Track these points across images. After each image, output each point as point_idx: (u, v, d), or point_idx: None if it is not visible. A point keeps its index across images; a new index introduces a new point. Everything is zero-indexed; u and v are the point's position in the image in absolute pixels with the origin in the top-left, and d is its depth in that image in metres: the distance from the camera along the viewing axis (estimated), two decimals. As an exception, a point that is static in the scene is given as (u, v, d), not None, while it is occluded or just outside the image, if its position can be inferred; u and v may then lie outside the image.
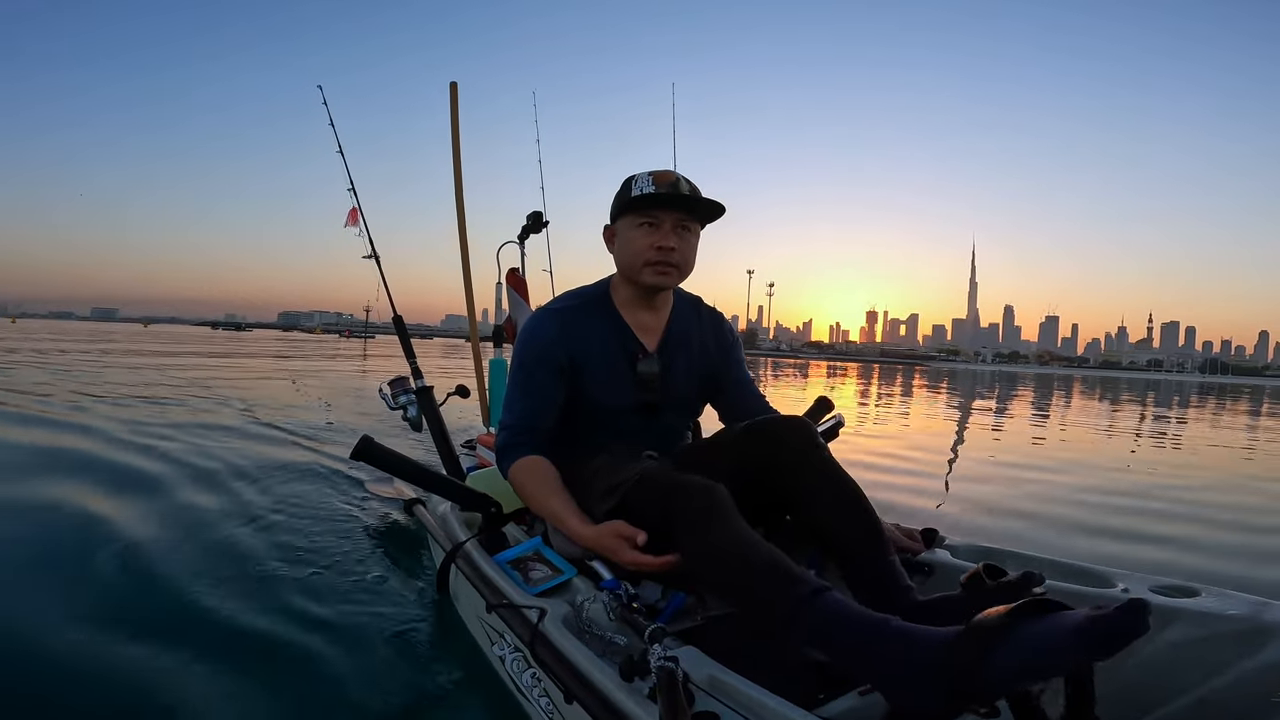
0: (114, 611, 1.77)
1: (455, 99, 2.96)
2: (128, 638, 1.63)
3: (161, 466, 3.44)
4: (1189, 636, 0.98)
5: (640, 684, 0.96)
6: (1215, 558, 2.89)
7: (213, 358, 14.74)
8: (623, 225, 1.41)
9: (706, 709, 0.90)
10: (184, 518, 2.58)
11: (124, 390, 7.11)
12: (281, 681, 1.49)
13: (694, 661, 0.97)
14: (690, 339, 1.53)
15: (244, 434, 4.60)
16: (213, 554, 2.20)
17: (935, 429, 8.17)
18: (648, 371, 1.45)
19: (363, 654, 1.60)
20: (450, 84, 2.97)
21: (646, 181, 1.37)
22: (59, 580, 1.96)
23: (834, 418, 1.84)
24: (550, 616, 1.16)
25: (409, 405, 2.75)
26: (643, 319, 1.47)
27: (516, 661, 1.25)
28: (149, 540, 2.28)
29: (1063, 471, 5.18)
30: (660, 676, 0.88)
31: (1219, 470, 5.81)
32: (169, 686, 1.45)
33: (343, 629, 1.71)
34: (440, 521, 1.78)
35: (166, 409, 5.72)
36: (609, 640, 1.06)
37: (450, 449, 2.49)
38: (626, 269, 1.43)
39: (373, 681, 1.49)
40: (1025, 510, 3.66)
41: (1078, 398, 17.88)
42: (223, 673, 1.50)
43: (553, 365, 1.40)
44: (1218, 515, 3.79)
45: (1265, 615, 1.02)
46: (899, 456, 5.44)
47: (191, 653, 1.57)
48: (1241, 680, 0.95)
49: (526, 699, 1.23)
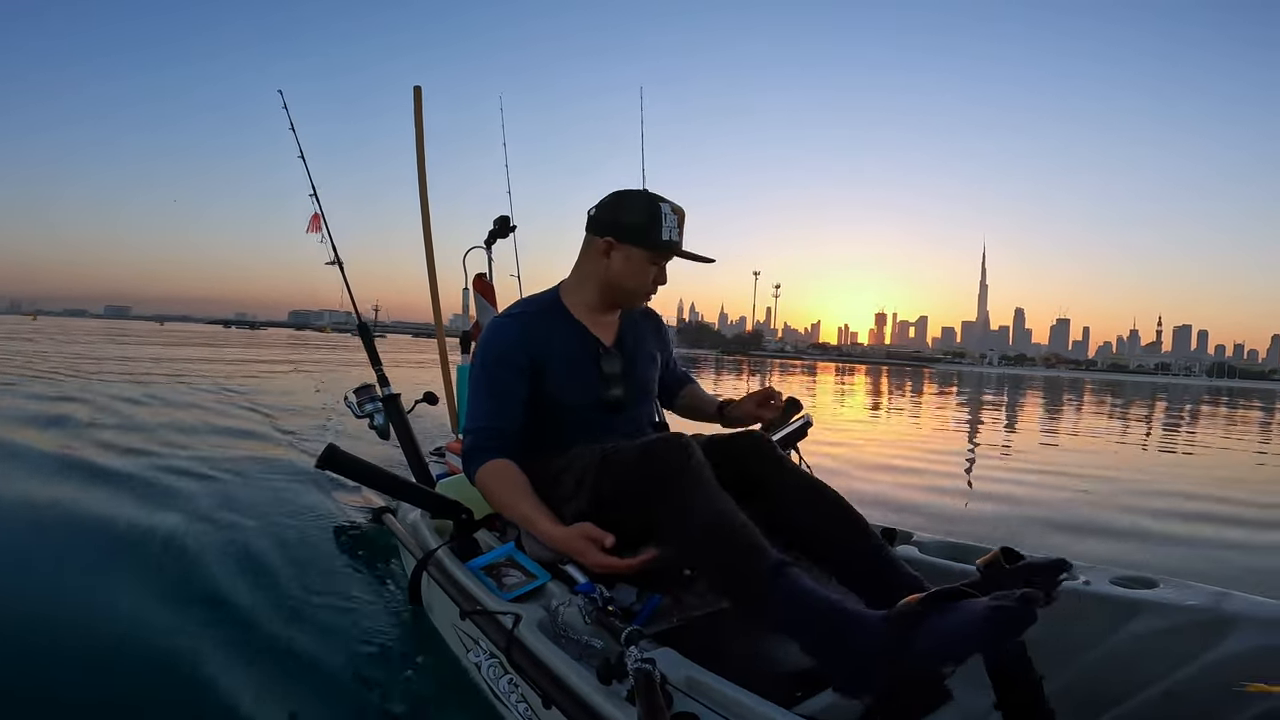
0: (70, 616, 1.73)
1: (419, 104, 2.94)
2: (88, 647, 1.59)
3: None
4: (1152, 628, 1.02)
5: (618, 686, 0.96)
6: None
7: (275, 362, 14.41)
8: (634, 253, 1.42)
9: (685, 709, 0.91)
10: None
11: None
12: (253, 696, 1.45)
13: (671, 663, 0.97)
14: (641, 335, 1.59)
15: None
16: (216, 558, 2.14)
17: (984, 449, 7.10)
18: (611, 368, 1.47)
19: (335, 666, 1.57)
20: (414, 88, 2.95)
21: (673, 224, 1.41)
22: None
23: (802, 418, 1.86)
24: (525, 622, 1.15)
25: (375, 413, 2.71)
26: (598, 319, 1.51)
27: (493, 668, 1.25)
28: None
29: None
30: (638, 678, 0.89)
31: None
32: (133, 701, 1.42)
33: (313, 641, 1.67)
34: (411, 529, 1.76)
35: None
36: (585, 644, 1.06)
37: (419, 456, 2.46)
38: (619, 289, 1.46)
39: (347, 693, 1.47)
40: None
41: (1089, 403, 17.63)
42: (193, 688, 1.46)
43: (515, 366, 1.41)
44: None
45: (1225, 605, 1.06)
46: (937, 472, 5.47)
47: (157, 667, 1.53)
48: (1206, 671, 0.99)
49: (504, 705, 1.23)
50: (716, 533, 1.09)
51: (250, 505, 2.82)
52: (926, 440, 7.40)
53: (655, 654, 0.96)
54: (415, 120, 2.94)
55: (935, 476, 4.83)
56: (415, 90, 2.95)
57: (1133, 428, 10.37)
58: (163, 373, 9.58)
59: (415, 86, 2.94)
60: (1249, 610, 1.04)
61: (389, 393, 2.67)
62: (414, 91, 2.95)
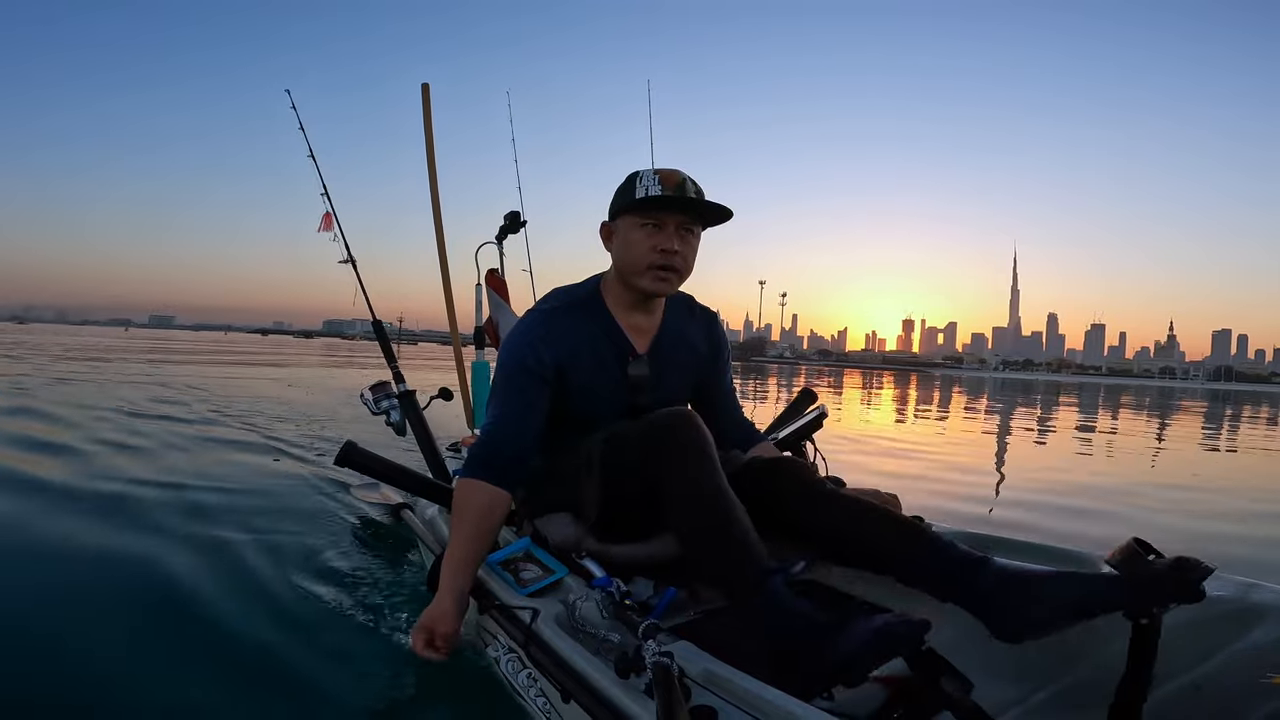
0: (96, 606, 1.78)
1: (428, 100, 2.94)
2: (108, 634, 1.64)
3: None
4: (1180, 619, 1.00)
5: (636, 680, 0.96)
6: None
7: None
8: (624, 225, 1.35)
9: (703, 703, 0.91)
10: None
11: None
12: (273, 686, 1.48)
13: (689, 656, 0.97)
14: (683, 340, 1.50)
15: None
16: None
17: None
18: (638, 374, 1.42)
19: (356, 660, 1.58)
20: (422, 85, 2.95)
21: (652, 181, 1.30)
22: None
23: (817, 409, 1.87)
24: (543, 617, 1.16)
25: (391, 410, 2.73)
26: (635, 319, 1.44)
27: (512, 663, 1.25)
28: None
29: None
30: (656, 672, 0.89)
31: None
32: (155, 687, 1.45)
33: (333, 635, 1.70)
34: (429, 525, 1.77)
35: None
36: (603, 638, 1.07)
37: (435, 452, 2.47)
38: (625, 271, 1.38)
39: (367, 687, 1.49)
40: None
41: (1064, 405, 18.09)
42: (212, 677, 1.50)
43: (535, 373, 1.36)
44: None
45: (1253, 596, 1.04)
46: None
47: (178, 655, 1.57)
48: (1233, 662, 0.97)
49: (524, 699, 1.23)
50: (715, 509, 1.14)
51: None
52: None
53: (673, 647, 0.96)
54: (424, 117, 2.94)
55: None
56: (423, 87, 2.94)
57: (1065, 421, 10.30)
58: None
59: (423, 84, 2.94)
60: (1277, 601, 1.02)
61: (404, 389, 2.68)
62: (422, 89, 2.94)
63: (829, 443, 1.85)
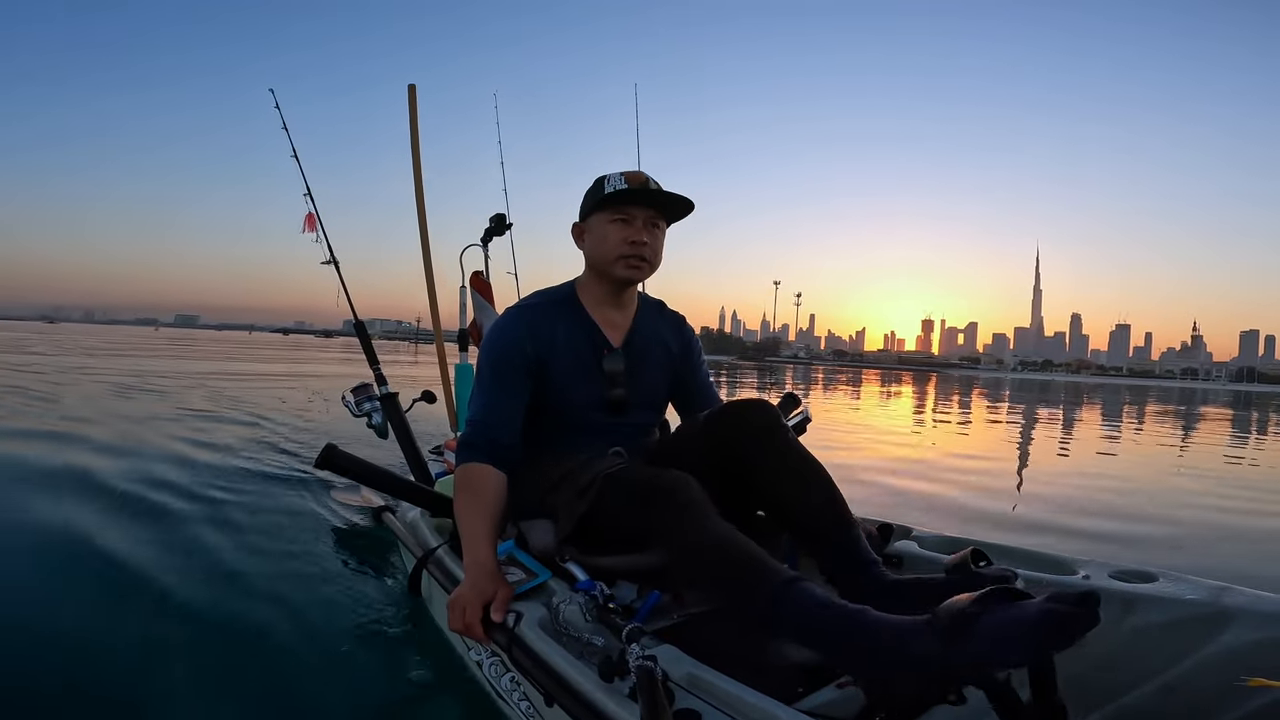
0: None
1: (414, 102, 2.93)
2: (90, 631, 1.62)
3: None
4: (1152, 622, 1.01)
5: (620, 684, 0.96)
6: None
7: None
8: (595, 221, 1.43)
9: (687, 706, 0.91)
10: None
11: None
12: (251, 689, 1.46)
13: (672, 660, 0.97)
14: (655, 336, 1.56)
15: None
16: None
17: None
18: (613, 368, 1.46)
19: (337, 665, 1.57)
20: (409, 86, 2.94)
21: (619, 180, 1.40)
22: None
23: (800, 413, 1.87)
24: (526, 620, 1.15)
25: (373, 412, 2.71)
26: (610, 316, 1.49)
27: (494, 666, 1.25)
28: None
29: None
30: (640, 676, 0.88)
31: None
32: (137, 686, 1.44)
33: (313, 639, 1.68)
34: (410, 528, 1.76)
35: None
36: (586, 641, 1.06)
37: (418, 455, 2.46)
38: (598, 263, 1.44)
39: (349, 690, 1.47)
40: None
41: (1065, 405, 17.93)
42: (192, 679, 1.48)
43: (518, 363, 1.40)
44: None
45: (1225, 599, 1.06)
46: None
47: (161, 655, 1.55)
48: (1205, 665, 0.98)
49: (506, 703, 1.23)
50: (722, 559, 1.07)
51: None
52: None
53: (656, 651, 0.96)
54: (410, 119, 2.93)
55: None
56: (410, 88, 2.94)
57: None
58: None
59: (410, 85, 2.93)
60: (1249, 604, 1.04)
61: (386, 391, 2.66)
62: (409, 90, 2.93)
63: (822, 446, 1.85)
